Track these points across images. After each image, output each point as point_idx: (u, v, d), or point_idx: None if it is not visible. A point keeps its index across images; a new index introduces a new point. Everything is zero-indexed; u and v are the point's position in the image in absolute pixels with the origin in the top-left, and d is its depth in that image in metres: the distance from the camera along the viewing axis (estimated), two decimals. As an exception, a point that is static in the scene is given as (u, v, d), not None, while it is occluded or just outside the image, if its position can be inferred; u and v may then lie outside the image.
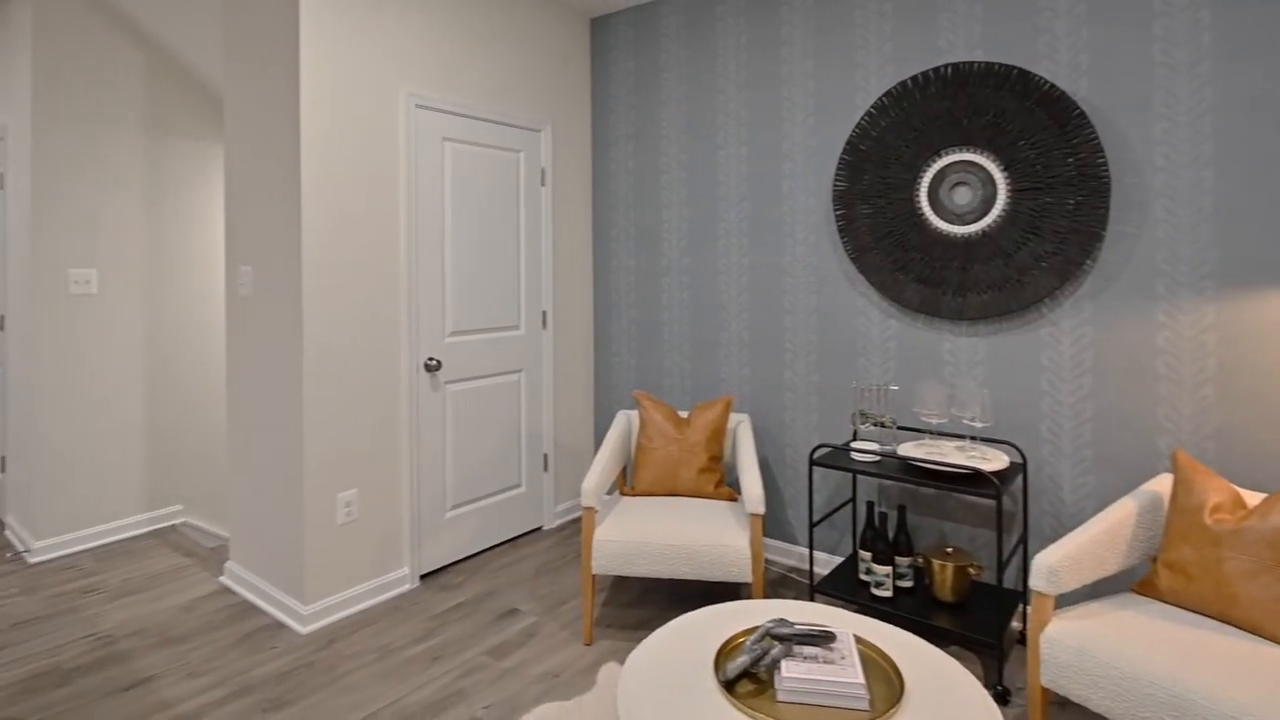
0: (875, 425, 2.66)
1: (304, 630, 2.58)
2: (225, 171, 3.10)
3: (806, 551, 3.18)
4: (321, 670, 2.33)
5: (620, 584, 2.98)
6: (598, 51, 3.89)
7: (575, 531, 3.58)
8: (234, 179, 3.02)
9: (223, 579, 3.02)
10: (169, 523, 3.72)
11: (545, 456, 3.64)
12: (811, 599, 2.64)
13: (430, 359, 3.09)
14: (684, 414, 3.12)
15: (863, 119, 2.89)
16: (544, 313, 3.64)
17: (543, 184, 3.64)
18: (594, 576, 2.50)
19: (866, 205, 2.89)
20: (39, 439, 3.35)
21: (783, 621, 1.74)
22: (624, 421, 3.08)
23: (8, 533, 3.58)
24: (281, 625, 2.63)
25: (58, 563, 3.21)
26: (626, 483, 3.14)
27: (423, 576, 3.05)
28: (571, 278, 3.81)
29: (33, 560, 3.23)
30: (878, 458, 2.57)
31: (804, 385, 3.15)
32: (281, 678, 2.28)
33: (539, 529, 3.61)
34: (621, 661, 2.38)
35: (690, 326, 3.52)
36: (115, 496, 3.56)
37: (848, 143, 2.94)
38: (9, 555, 3.30)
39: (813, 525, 2.57)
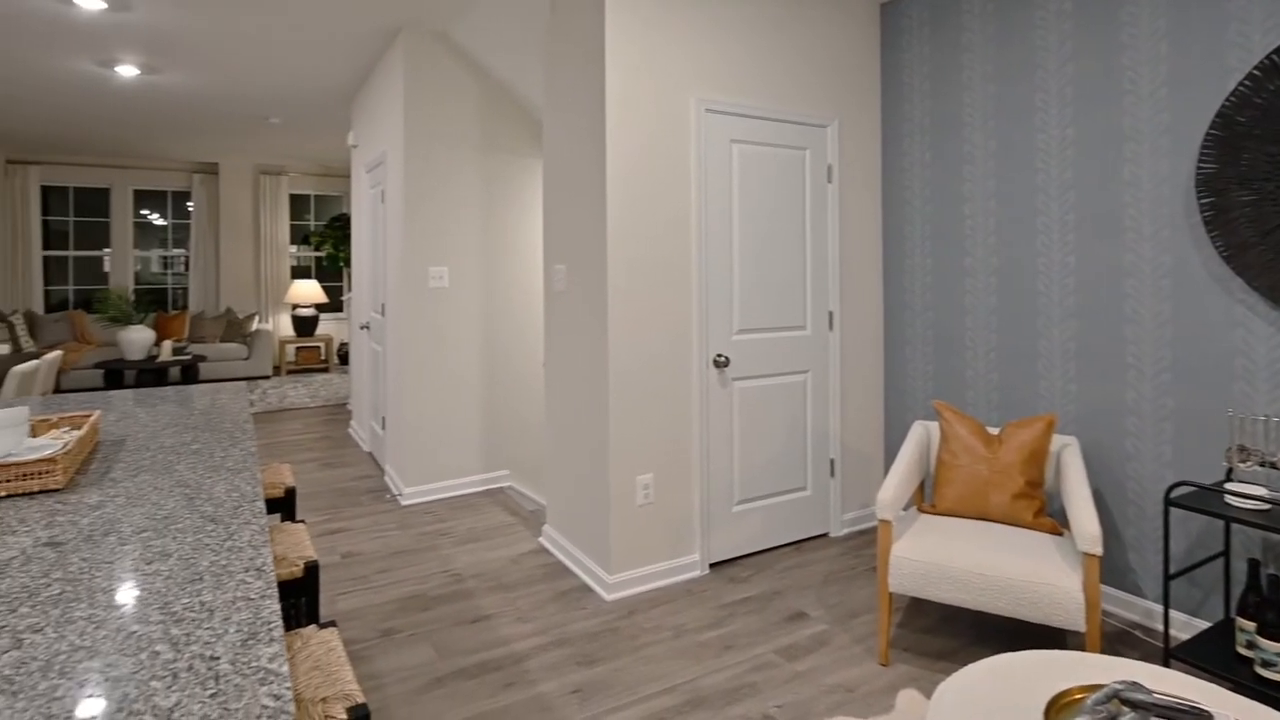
0: (1263, 465, 2.17)
1: (608, 597, 2.86)
2: (544, 182, 3.54)
3: (1156, 608, 2.70)
4: (625, 637, 2.56)
5: (917, 606, 2.82)
6: (888, 39, 3.69)
7: (865, 543, 3.47)
8: (550, 188, 3.44)
9: (541, 539, 3.47)
10: (499, 485, 4.38)
11: (832, 461, 3.58)
12: (1166, 664, 2.24)
13: (719, 355, 3.21)
14: (993, 430, 2.84)
15: (1242, 84, 2.36)
16: (830, 313, 3.56)
17: (829, 181, 3.56)
18: (890, 594, 2.39)
19: (1248, 191, 2.35)
20: (408, 404, 4.15)
21: (1137, 686, 1.50)
22: (921, 433, 2.89)
23: (386, 479, 4.51)
24: (589, 589, 2.95)
25: (420, 507, 3.96)
26: (924, 499, 2.95)
27: (711, 565, 3.20)
28: (859, 277, 3.67)
29: (404, 503, 4.03)
30: (1268, 505, 2.09)
31: (1152, 409, 2.67)
32: (591, 637, 2.55)
33: (824, 535, 3.56)
34: (923, 690, 2.25)
35: (998, 334, 3.19)
36: (460, 458, 4.28)
37: (1218, 115, 2.42)
38: (388, 497, 4.16)
39: (1169, 578, 2.18)
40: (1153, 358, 2.67)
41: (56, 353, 4.50)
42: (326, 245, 9.46)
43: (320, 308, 9.77)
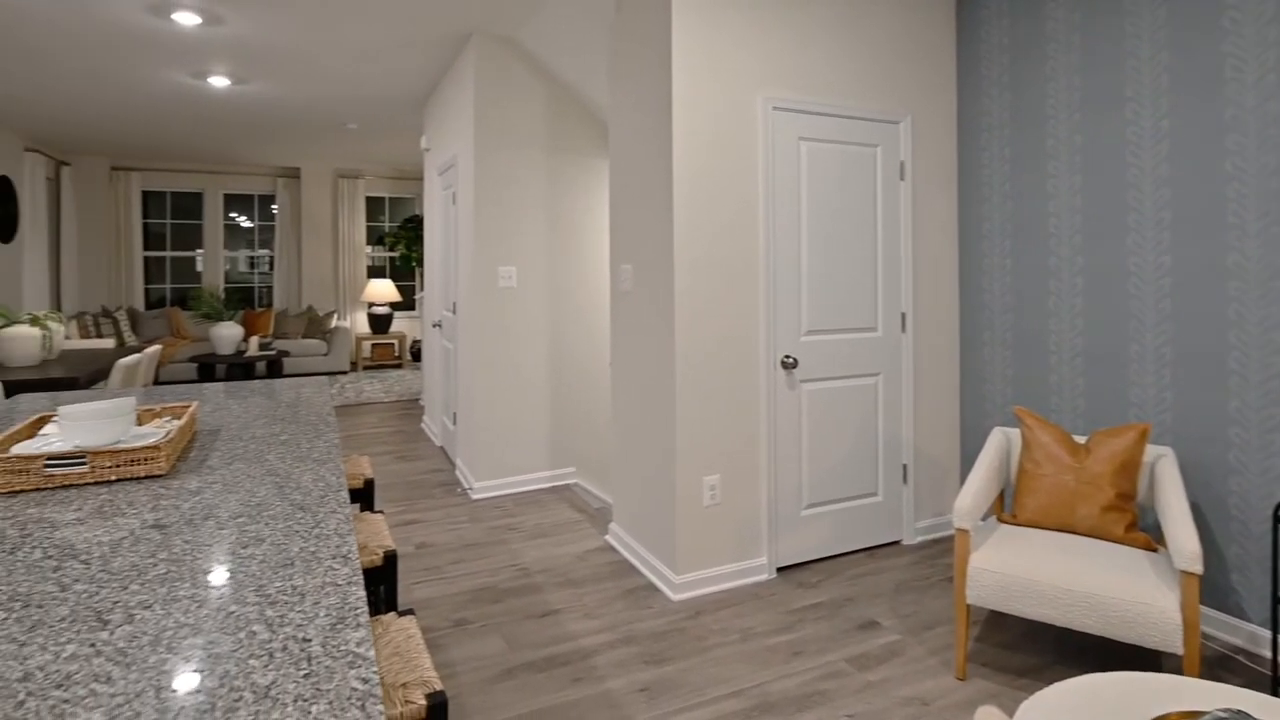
0: (1390, 484, 1.99)
1: (675, 597, 2.86)
2: (610, 182, 3.56)
3: (1262, 632, 2.51)
4: (691, 638, 2.55)
5: (996, 620, 2.71)
6: (965, 30, 3.55)
7: (940, 552, 3.36)
8: (616, 189, 3.45)
9: (607, 537, 3.50)
10: (565, 482, 4.43)
11: (904, 467, 3.47)
12: (1275, 693, 2.09)
13: (786, 356, 3.16)
14: (1080, 439, 2.70)
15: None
16: (903, 314, 3.46)
17: (901, 178, 3.45)
18: (968, 606, 2.30)
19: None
20: (478, 400, 4.25)
21: (1242, 715, 1.40)
22: (1001, 439, 2.78)
23: (457, 473, 4.63)
24: (655, 588, 2.95)
25: (490, 501, 4.05)
26: (1004, 509, 2.83)
27: (779, 569, 3.15)
28: (934, 278, 3.55)
29: (474, 497, 4.13)
30: (1395, 528, 1.92)
31: (1258, 420, 2.49)
32: (658, 636, 2.55)
33: (897, 543, 3.46)
34: (1004, 707, 2.16)
35: (1085, 337, 3.03)
36: (528, 454, 4.35)
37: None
38: (459, 491, 4.26)
39: (1277, 600, 2.03)
40: (1259, 364, 2.49)
41: (156, 347, 4.79)
42: (400, 245, 9.79)
43: (394, 306, 10.11)
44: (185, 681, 0.84)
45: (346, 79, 5.35)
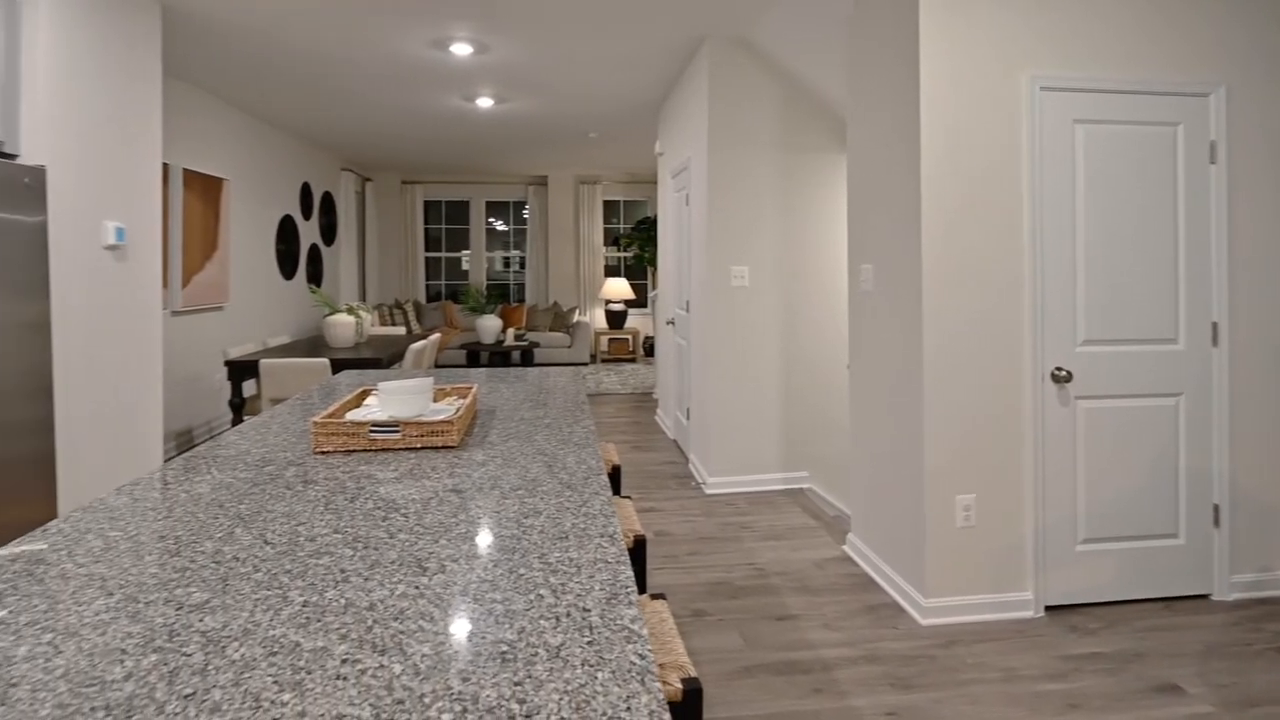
0: None
1: (923, 621, 2.64)
2: (847, 179, 3.37)
3: None
4: (944, 668, 2.33)
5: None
6: None
7: (1267, 615, 2.73)
8: (855, 185, 3.25)
9: (845, 547, 3.34)
10: (798, 485, 4.33)
11: (1215, 507, 2.88)
12: None
13: (1058, 369, 2.76)
14: None
15: None
16: (1214, 324, 2.86)
17: (1212, 161, 2.84)
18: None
19: None
20: (710, 398, 4.29)
21: None
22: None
23: (690, 466, 4.73)
24: (901, 609, 2.75)
25: (722, 498, 4.08)
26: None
27: (1047, 608, 2.78)
28: (1257, 281, 2.88)
29: (707, 491, 4.19)
30: None
31: None
32: (905, 660, 2.37)
33: (1204, 597, 2.88)
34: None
35: None
36: (760, 453, 4.31)
37: None
38: (692, 484, 4.36)
39: None
40: None
41: (436, 335, 5.51)
42: (633, 246, 10.30)
43: (628, 303, 10.65)
44: (490, 630, 0.91)
45: (589, 91, 5.75)
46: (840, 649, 2.43)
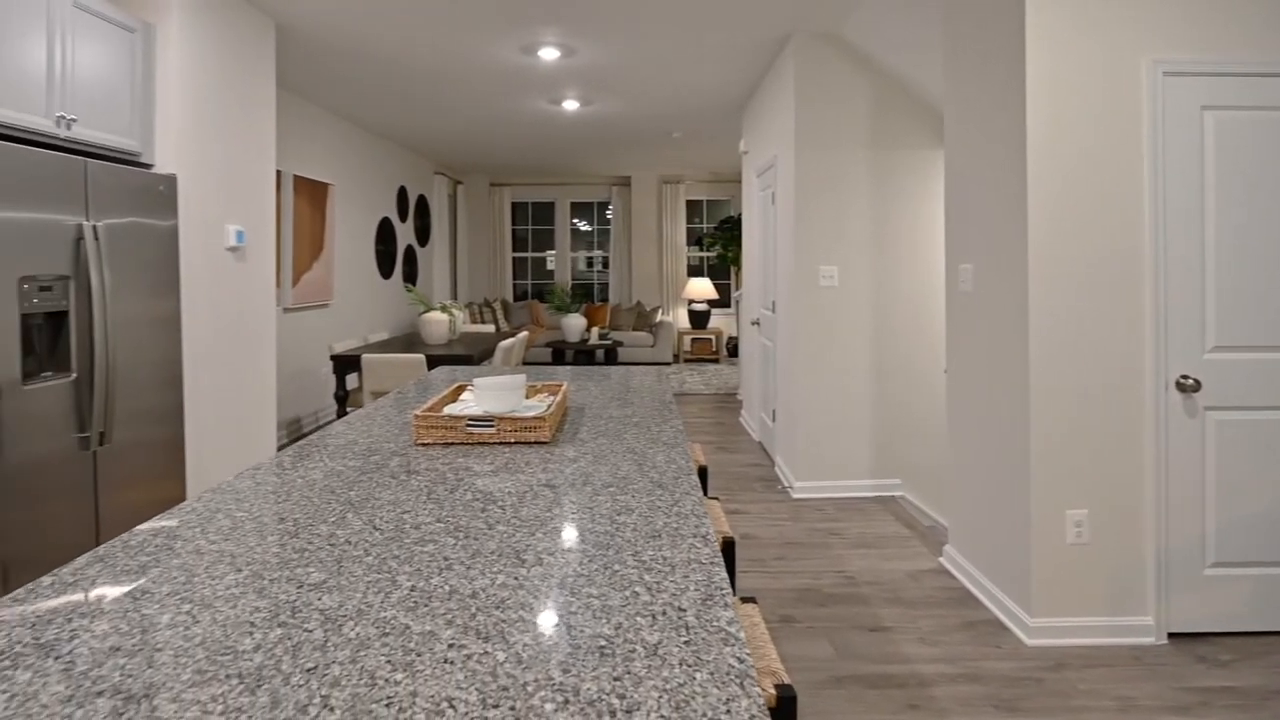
0: None
1: (1029, 641, 2.49)
2: (945, 176, 3.20)
3: None
4: (1052, 693, 2.19)
5: None
6: None
7: None
8: (953, 182, 3.09)
9: (941, 559, 3.20)
10: (889, 493, 4.18)
11: (1373, 530, 2.58)
12: None
13: (1184, 377, 2.53)
14: None
15: None
16: (1381, 329, 2.56)
17: None
18: None
19: None
20: (797, 400, 4.20)
21: None
22: None
23: (776, 469, 4.66)
24: (1003, 627, 2.61)
25: (810, 503, 3.99)
26: None
27: (1170, 635, 2.57)
28: None
29: (794, 495, 4.11)
30: None
31: None
32: (1010, 681, 2.24)
33: (1360, 630, 2.60)
34: None
35: None
36: (850, 459, 4.19)
37: None
38: (779, 488, 4.28)
39: None
40: None
41: (524, 333, 5.65)
42: (716, 245, 10.23)
43: (711, 303, 10.59)
44: (588, 624, 0.92)
45: (673, 91, 5.75)
46: (938, 665, 2.32)
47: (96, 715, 0.74)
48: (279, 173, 5.52)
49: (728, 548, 1.97)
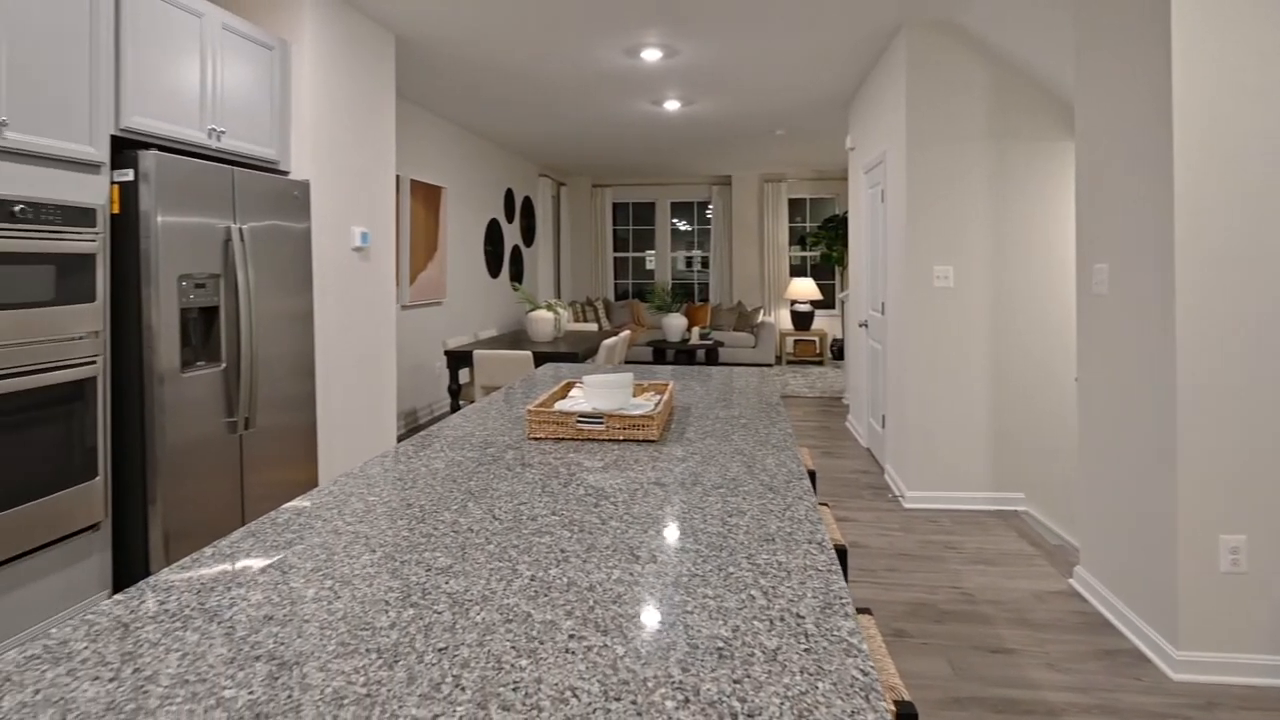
0: None
1: (1174, 676, 2.27)
2: (1076, 170, 2.95)
3: None
4: (1202, 734, 1.99)
5: None
6: None
7: None
8: (1086, 175, 2.84)
9: (1071, 581, 2.97)
10: (1010, 507, 3.93)
11: None
12: None
13: None
14: None
15: None
16: None
17: None
18: None
19: None
20: (910, 406, 4.02)
21: None
22: None
23: (886, 477, 4.48)
24: (1144, 658, 2.38)
25: (923, 514, 3.81)
26: None
27: (1351, 679, 2.28)
28: None
29: (905, 505, 3.93)
30: None
31: None
32: (1152, 717, 2.05)
33: None
34: None
35: None
36: (966, 469, 3.97)
37: None
38: (889, 496, 4.11)
39: None
40: None
41: (626, 332, 5.70)
42: (820, 245, 9.95)
43: (815, 304, 10.33)
44: (705, 624, 0.90)
45: (775, 89, 5.62)
46: (1068, 694, 2.15)
47: (255, 678, 0.79)
48: (398, 177, 5.84)
49: (840, 556, 1.90)
